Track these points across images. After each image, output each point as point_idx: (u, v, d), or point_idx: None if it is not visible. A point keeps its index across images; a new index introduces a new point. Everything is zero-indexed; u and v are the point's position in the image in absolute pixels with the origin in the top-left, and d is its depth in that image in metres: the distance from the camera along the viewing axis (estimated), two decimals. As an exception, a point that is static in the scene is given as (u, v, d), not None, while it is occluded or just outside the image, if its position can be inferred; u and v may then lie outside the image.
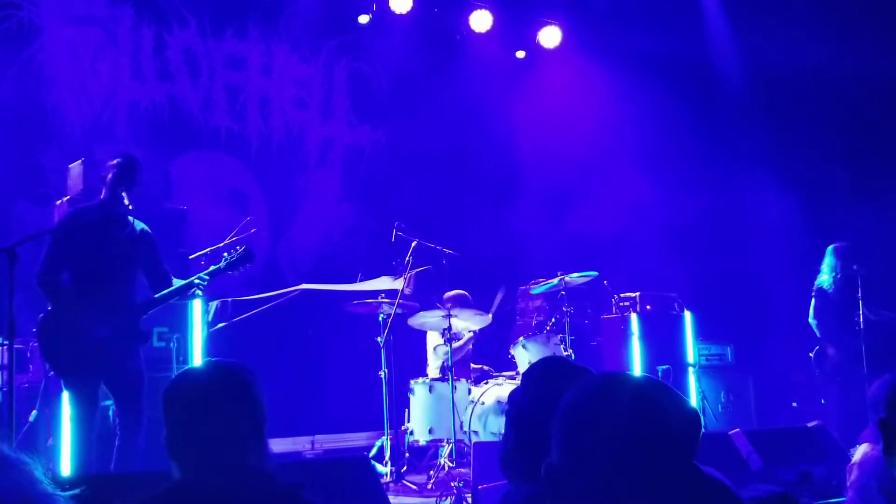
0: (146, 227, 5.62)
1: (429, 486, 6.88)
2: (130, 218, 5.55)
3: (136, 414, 5.36)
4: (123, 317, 5.33)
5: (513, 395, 2.32)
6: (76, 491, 1.36)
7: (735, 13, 10.62)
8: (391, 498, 5.31)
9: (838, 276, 8.03)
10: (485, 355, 8.67)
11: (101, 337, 5.23)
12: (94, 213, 5.47)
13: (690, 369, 9.00)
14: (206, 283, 5.50)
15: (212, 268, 5.57)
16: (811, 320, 8.15)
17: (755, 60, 10.55)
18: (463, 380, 7.62)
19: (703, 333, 9.28)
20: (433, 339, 8.24)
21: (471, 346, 8.33)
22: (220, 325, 7.76)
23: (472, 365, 8.29)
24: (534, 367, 2.35)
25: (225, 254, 5.58)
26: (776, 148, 10.53)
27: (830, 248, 8.20)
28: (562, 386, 2.20)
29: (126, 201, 5.40)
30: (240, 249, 5.55)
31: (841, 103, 10.03)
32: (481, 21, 10.43)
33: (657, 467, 1.39)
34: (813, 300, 8.15)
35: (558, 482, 1.46)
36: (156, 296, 5.51)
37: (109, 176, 5.43)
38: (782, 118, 10.60)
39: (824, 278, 8.13)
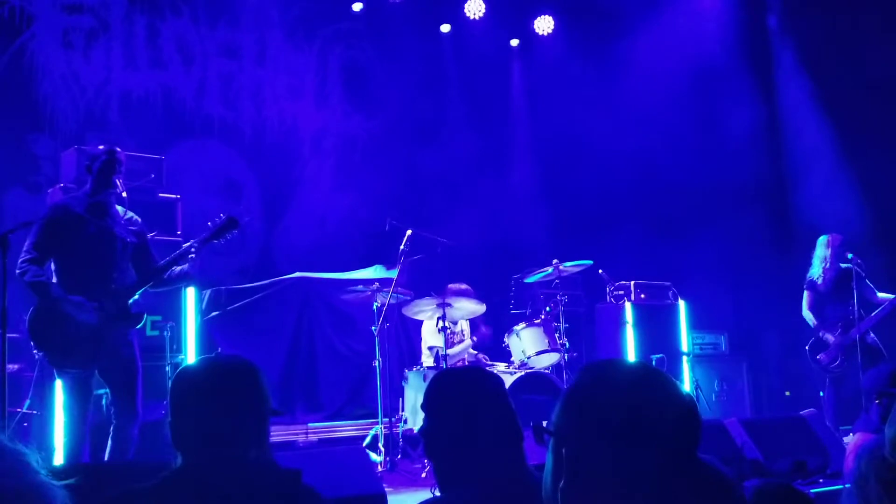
0: (135, 216, 5.58)
1: (423, 475, 6.88)
2: (119, 208, 5.52)
3: (131, 403, 5.32)
4: (111, 302, 5.29)
5: (421, 432, 2.53)
6: (71, 481, 1.37)
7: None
8: (385, 486, 5.31)
9: (829, 266, 7.99)
10: (480, 344, 8.65)
11: (91, 324, 5.18)
12: (79, 203, 5.43)
13: (684, 358, 9.02)
14: (194, 252, 5.39)
15: (196, 240, 5.50)
16: (804, 313, 8.07)
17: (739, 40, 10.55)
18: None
19: (697, 322, 9.29)
20: (429, 336, 8.18)
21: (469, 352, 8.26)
22: (214, 313, 7.74)
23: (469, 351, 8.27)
24: (427, 396, 2.51)
25: (209, 222, 5.52)
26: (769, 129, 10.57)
27: (822, 239, 8.13)
28: (455, 398, 2.44)
29: (120, 188, 5.37)
30: (223, 216, 5.51)
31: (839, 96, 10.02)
32: (475, 8, 10.40)
33: (654, 454, 1.39)
34: (805, 293, 8.08)
35: (564, 455, 1.46)
36: (142, 276, 5.45)
37: (94, 168, 5.39)
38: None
39: (815, 269, 8.07)
